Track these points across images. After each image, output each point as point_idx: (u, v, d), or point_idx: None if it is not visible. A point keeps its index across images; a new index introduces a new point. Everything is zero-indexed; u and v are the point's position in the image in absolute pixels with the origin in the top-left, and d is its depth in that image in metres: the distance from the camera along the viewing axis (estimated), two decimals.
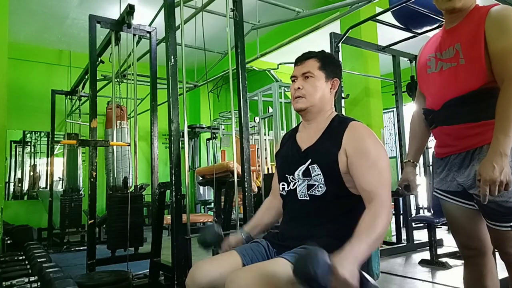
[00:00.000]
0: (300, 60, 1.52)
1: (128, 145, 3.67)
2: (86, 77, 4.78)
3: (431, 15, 3.68)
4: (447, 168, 1.55)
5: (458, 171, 1.50)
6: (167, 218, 3.68)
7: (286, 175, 1.49)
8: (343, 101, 4.38)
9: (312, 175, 1.39)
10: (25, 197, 7.08)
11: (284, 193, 1.50)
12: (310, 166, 1.40)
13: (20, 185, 7.11)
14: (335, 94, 1.54)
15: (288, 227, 1.47)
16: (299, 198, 1.41)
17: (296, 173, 1.44)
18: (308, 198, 1.39)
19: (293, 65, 1.58)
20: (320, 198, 1.37)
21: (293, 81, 1.53)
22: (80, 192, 5.83)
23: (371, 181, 1.30)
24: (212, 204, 7.42)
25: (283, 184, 1.51)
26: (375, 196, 1.28)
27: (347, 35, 3.98)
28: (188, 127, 4.66)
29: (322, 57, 1.51)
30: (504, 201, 1.37)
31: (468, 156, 1.46)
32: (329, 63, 1.51)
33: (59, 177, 6.65)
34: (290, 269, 1.16)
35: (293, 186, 1.45)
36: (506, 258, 1.46)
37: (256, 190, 4.05)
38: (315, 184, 1.39)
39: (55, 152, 6.21)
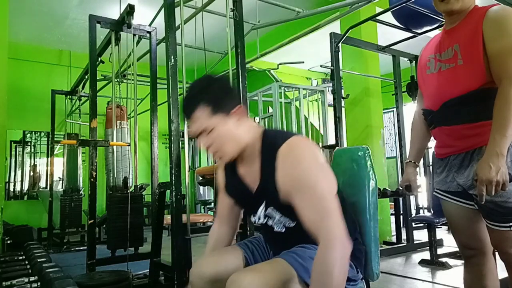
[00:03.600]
0: (188, 116, 1.26)
1: (128, 145, 3.68)
2: (86, 77, 4.78)
3: (431, 15, 3.68)
4: (447, 168, 1.56)
5: (457, 171, 1.51)
6: (167, 218, 3.67)
7: (250, 213, 1.39)
8: (343, 101, 4.38)
9: (275, 216, 1.30)
10: (25, 197, 7.08)
11: (255, 223, 1.40)
12: (268, 208, 1.30)
13: (20, 185, 7.11)
14: (246, 115, 1.30)
15: (271, 248, 1.44)
16: (275, 230, 1.33)
17: (258, 212, 1.33)
18: (283, 230, 1.31)
19: (293, 65, 1.53)
20: (295, 227, 1.28)
21: (196, 136, 1.28)
22: (80, 192, 5.83)
23: (311, 216, 1.14)
24: (212, 204, 7.42)
25: (250, 216, 1.40)
26: (320, 232, 1.11)
27: (347, 35, 3.98)
28: None
29: (208, 97, 1.23)
30: (503, 201, 1.37)
31: (468, 156, 1.47)
32: (219, 99, 1.24)
33: (59, 177, 6.65)
34: (289, 270, 1.17)
35: (264, 222, 1.35)
36: (506, 258, 1.46)
37: None
38: (284, 220, 1.30)
39: (55, 152, 6.21)
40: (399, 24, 4.17)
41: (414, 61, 4.74)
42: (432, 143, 1.71)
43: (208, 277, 1.32)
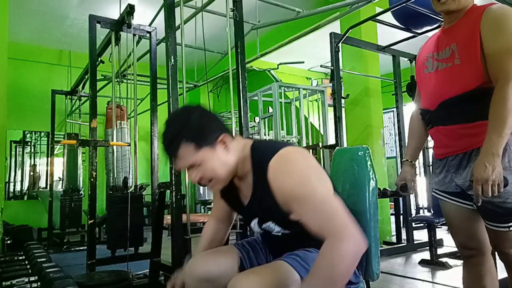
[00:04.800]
0: (171, 154, 1.22)
1: (128, 145, 3.68)
2: (86, 77, 4.78)
3: (431, 15, 3.68)
4: (445, 169, 1.55)
5: (456, 172, 1.50)
6: (167, 218, 3.67)
7: (246, 221, 1.39)
8: (343, 101, 4.38)
9: (274, 228, 1.30)
10: (25, 197, 7.08)
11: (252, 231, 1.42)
12: (263, 223, 1.30)
13: (20, 185, 7.11)
14: (232, 139, 1.26)
15: (271, 251, 1.44)
16: (273, 234, 1.32)
17: (252, 224, 1.35)
18: (280, 234, 1.31)
19: (293, 65, 1.52)
20: (292, 233, 1.29)
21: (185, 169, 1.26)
22: (80, 192, 5.83)
23: (317, 222, 1.11)
24: (212, 204, 7.41)
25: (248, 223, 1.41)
26: (329, 232, 1.08)
27: (347, 35, 3.98)
28: None
29: (190, 133, 1.18)
30: (502, 201, 1.37)
31: (466, 157, 1.46)
32: (201, 132, 1.19)
33: (59, 177, 6.65)
34: (292, 273, 1.16)
35: (261, 232, 1.37)
36: (505, 258, 1.47)
37: None
38: (284, 232, 1.30)
39: (55, 152, 6.20)
40: (399, 24, 4.16)
41: (414, 61, 4.74)
42: (432, 143, 1.71)
43: (201, 277, 1.33)
